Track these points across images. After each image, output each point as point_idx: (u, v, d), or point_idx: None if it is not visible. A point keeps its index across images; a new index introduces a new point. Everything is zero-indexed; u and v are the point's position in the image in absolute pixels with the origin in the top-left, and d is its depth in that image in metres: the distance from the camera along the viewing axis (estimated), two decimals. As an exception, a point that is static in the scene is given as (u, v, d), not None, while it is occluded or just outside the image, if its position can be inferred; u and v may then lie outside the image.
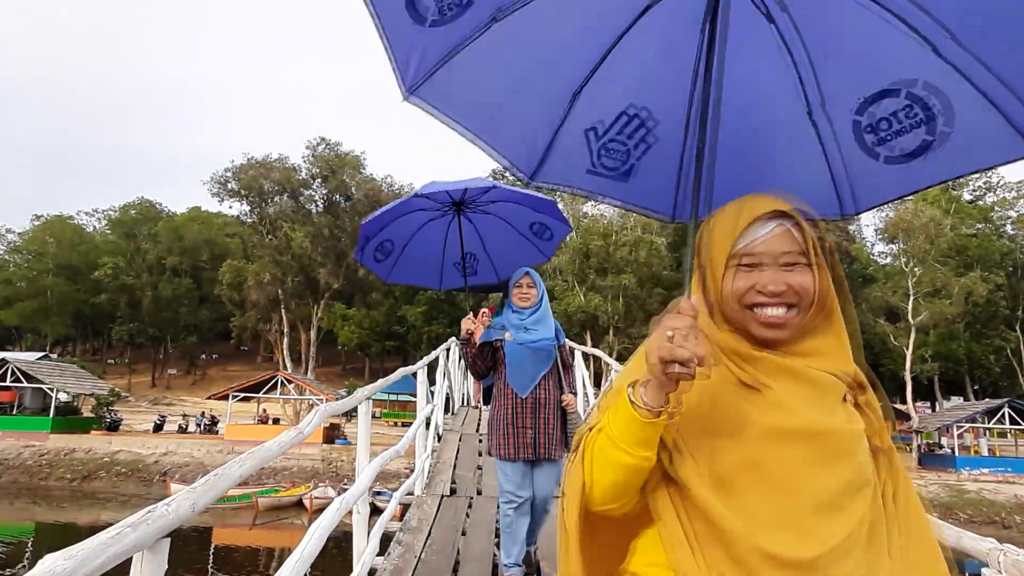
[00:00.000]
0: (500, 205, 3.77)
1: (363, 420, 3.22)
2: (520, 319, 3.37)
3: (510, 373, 3.35)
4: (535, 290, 3.42)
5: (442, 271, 4.11)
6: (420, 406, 5.39)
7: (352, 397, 3.06)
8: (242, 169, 34.19)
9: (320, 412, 2.45)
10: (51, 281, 62.78)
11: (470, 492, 5.18)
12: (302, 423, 2.21)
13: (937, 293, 31.98)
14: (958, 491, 24.63)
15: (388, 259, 3.77)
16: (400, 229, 3.71)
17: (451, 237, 3.90)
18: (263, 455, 1.74)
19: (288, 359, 35.18)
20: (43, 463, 25.58)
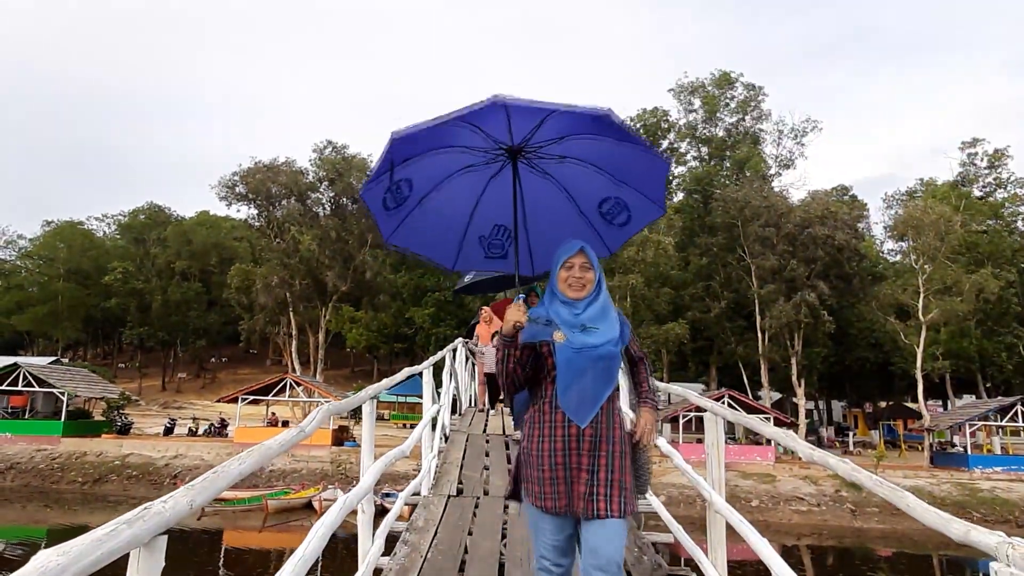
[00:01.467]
0: (572, 167, 2.88)
1: (367, 420, 3.21)
2: (574, 314, 2.36)
3: (563, 391, 2.33)
4: (592, 273, 2.43)
5: (462, 245, 3.12)
6: (426, 407, 5.38)
7: (356, 396, 3.05)
8: (249, 173, 34.32)
9: (323, 411, 2.45)
10: (62, 286, 63.27)
11: (477, 492, 5.17)
12: (304, 422, 2.21)
13: (948, 290, 31.73)
14: (971, 490, 24.43)
15: (399, 209, 2.88)
16: (427, 170, 2.84)
17: (490, 197, 2.97)
18: (264, 453, 1.73)
19: (297, 362, 35.28)
20: (55, 467, 25.77)
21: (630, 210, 2.97)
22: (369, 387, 3.29)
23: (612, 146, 2.72)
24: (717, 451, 3.03)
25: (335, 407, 2.61)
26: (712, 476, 3.04)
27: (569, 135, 2.70)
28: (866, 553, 21.69)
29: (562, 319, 2.35)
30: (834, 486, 25.02)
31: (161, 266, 62.34)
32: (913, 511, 1.75)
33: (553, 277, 2.47)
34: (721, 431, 3.14)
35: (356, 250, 36.49)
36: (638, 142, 2.73)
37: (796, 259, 32.65)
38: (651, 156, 2.80)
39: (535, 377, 2.44)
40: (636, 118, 45.32)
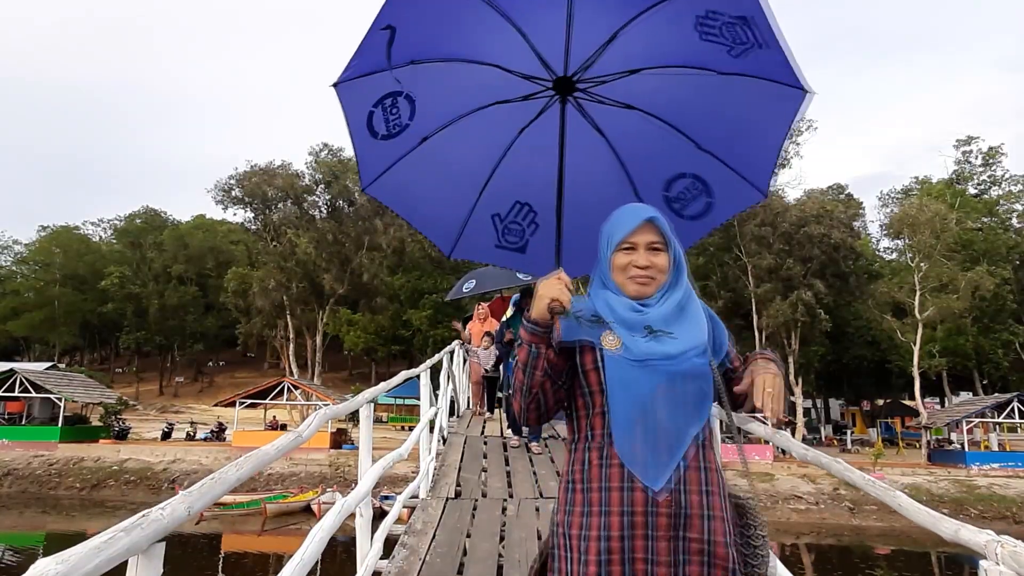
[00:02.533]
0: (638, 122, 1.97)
1: (364, 423, 3.22)
2: (638, 315, 1.53)
3: (622, 431, 1.47)
4: (665, 255, 1.57)
5: (468, 222, 2.17)
6: (424, 409, 5.39)
7: (353, 400, 3.06)
8: (245, 176, 34.30)
9: (320, 415, 2.45)
10: (58, 291, 63.13)
11: (475, 495, 5.18)
12: (301, 426, 2.21)
13: (944, 288, 31.83)
14: (968, 487, 24.48)
15: (390, 143, 1.93)
16: (441, 91, 1.92)
17: (518, 157, 2.08)
18: (261, 459, 1.74)
19: (294, 365, 35.24)
20: (52, 472, 25.69)
21: (711, 194, 2.01)
22: (366, 391, 3.30)
23: (714, 88, 1.78)
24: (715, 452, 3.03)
25: (333, 411, 2.61)
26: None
27: (648, 66, 1.80)
28: (865, 551, 21.73)
29: (617, 315, 1.51)
30: (832, 484, 25.06)
31: (158, 270, 62.19)
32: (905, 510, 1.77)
33: (603, 262, 1.59)
34: (717, 431, 3.14)
35: (353, 253, 36.46)
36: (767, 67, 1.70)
37: (792, 258, 32.73)
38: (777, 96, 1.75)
39: (570, 404, 1.58)
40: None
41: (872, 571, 20.42)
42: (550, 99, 1.98)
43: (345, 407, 2.89)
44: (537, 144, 2.02)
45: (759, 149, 1.97)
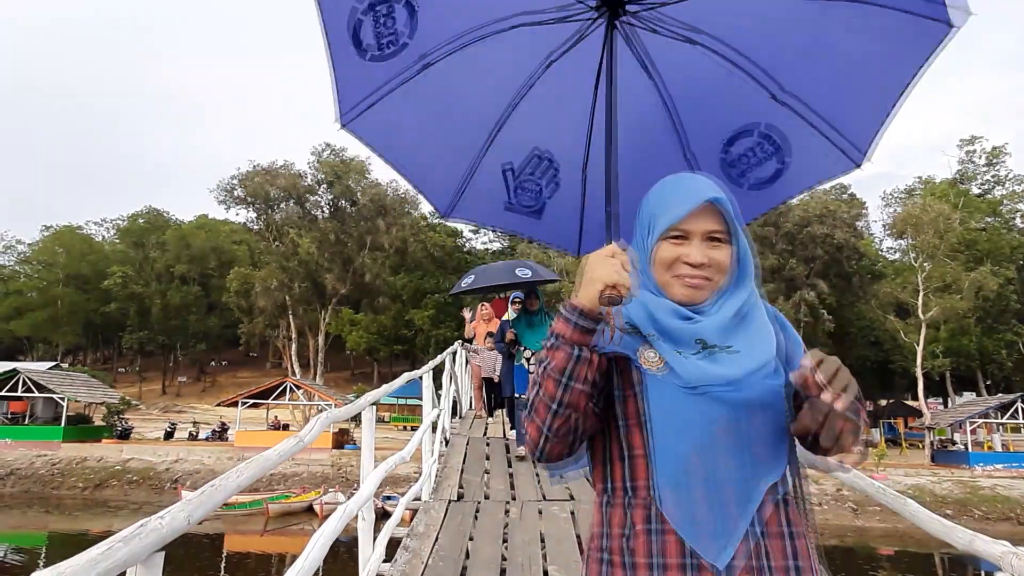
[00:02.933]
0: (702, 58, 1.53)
1: (367, 426, 3.20)
2: (688, 324, 1.10)
3: (667, 480, 1.05)
4: (727, 249, 1.15)
5: (472, 173, 1.74)
6: (426, 410, 5.37)
7: (356, 403, 3.03)
8: (248, 176, 34.29)
9: (322, 420, 2.43)
10: (61, 291, 63.27)
11: (477, 497, 5.15)
12: (303, 431, 2.19)
13: (947, 288, 31.75)
14: (972, 487, 24.38)
15: (379, 62, 1.49)
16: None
17: (544, 93, 1.64)
18: (262, 464, 1.72)
19: (296, 365, 35.24)
20: (55, 472, 25.71)
21: (784, 157, 1.58)
22: (369, 393, 3.28)
23: (810, 14, 1.33)
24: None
25: (335, 415, 2.60)
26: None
27: None
28: (868, 552, 21.66)
29: (659, 325, 1.11)
30: (835, 484, 24.96)
31: (160, 270, 62.29)
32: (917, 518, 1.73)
33: (642, 252, 1.17)
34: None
35: (355, 253, 36.46)
36: None
37: (795, 258, 32.68)
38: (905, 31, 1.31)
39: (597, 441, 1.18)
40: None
41: (875, 572, 20.38)
42: (592, 21, 1.46)
43: (347, 410, 2.87)
44: (568, 79, 1.55)
45: (864, 101, 1.47)
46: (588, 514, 4.86)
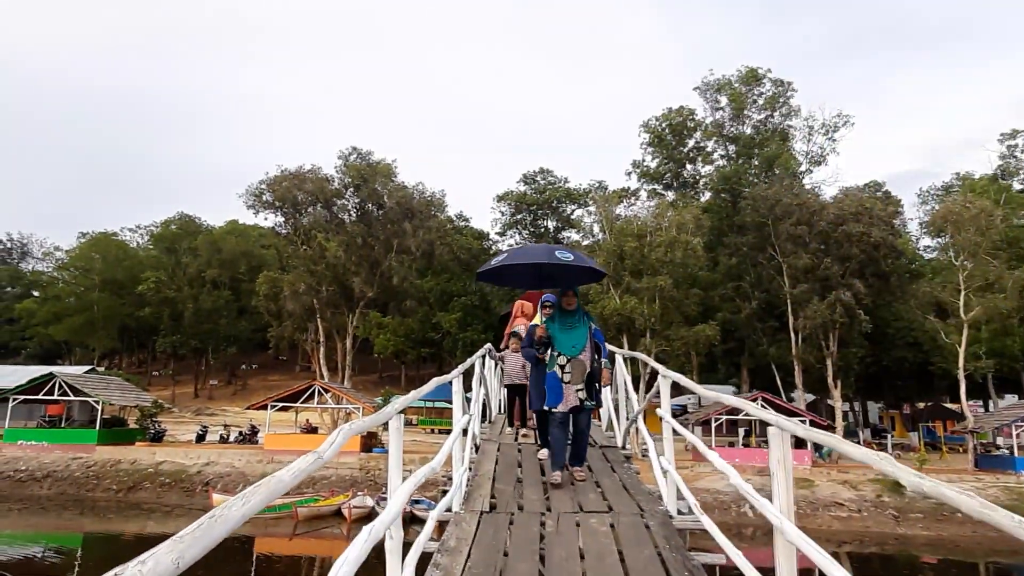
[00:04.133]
0: None
1: (394, 437, 2.96)
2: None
3: None
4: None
5: None
6: (456, 417, 5.13)
7: (381, 412, 2.80)
8: (276, 181, 34.50)
9: (344, 432, 2.21)
10: (97, 296, 64.57)
11: (510, 508, 4.89)
12: (323, 445, 1.98)
13: (990, 287, 30.63)
14: (1020, 494, 23.44)
15: None
16: None
17: None
18: (273, 488, 1.49)
19: (324, 368, 35.35)
20: (90, 475, 26.11)
21: None
22: (396, 400, 3.04)
23: None
24: (784, 471, 2.71)
25: (356, 427, 2.36)
26: (780, 500, 2.72)
27: None
28: (910, 560, 20.95)
29: None
30: (875, 491, 24.25)
31: (192, 275, 63.30)
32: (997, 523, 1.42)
33: None
34: (788, 448, 2.81)
35: (382, 256, 36.48)
36: None
37: (830, 257, 31.82)
38: None
39: None
40: (662, 118, 44.74)
41: None
42: None
43: (372, 420, 2.64)
44: None
45: None
46: (630, 527, 4.58)
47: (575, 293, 5.79)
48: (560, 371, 5.56)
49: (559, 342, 5.58)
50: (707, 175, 45.35)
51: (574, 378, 5.48)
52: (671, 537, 4.29)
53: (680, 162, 45.30)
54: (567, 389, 5.48)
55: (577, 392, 5.48)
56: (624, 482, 5.81)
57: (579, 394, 5.49)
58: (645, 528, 4.46)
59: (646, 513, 4.74)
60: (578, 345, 5.55)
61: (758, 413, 3.01)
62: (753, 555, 7.07)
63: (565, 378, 5.51)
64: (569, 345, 5.57)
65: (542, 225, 56.81)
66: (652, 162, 45.79)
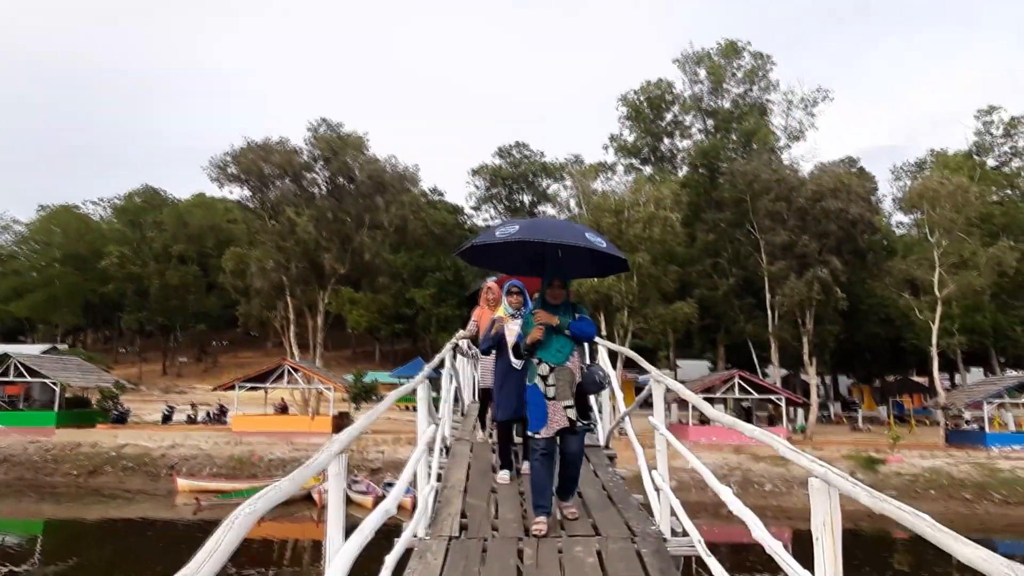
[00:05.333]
0: None
1: (335, 485, 2.34)
2: None
3: None
4: None
5: None
6: (421, 430, 4.50)
7: (321, 455, 2.19)
8: (241, 153, 33.14)
9: (280, 489, 1.60)
10: (59, 271, 62.61)
11: (483, 531, 4.30)
12: (270, 488, 1.39)
13: (964, 264, 30.72)
14: (991, 470, 23.66)
15: None
16: None
17: None
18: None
19: (295, 346, 34.45)
20: (48, 459, 25.12)
21: None
22: (336, 439, 2.42)
23: None
24: (832, 536, 2.16)
25: (298, 480, 1.77)
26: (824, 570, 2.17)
27: None
28: (883, 537, 21.06)
29: None
30: (848, 467, 24.29)
31: (158, 250, 61.54)
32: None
33: None
34: (837, 509, 2.24)
35: (353, 231, 35.44)
36: None
37: (808, 234, 31.61)
38: None
39: None
40: (640, 91, 43.98)
41: (890, 557, 19.82)
42: None
43: (309, 471, 2.02)
44: None
45: None
46: (619, 558, 4.04)
47: (565, 283, 4.43)
48: (542, 383, 4.30)
49: (540, 345, 4.33)
50: (685, 150, 44.86)
51: (561, 392, 4.26)
52: (667, 570, 3.75)
53: (658, 136, 44.72)
54: (552, 407, 4.26)
55: (566, 410, 4.26)
56: (610, 491, 5.27)
57: (568, 412, 4.26)
58: (637, 556, 3.92)
59: (637, 536, 4.19)
60: (564, 349, 4.35)
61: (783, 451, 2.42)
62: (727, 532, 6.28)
63: (549, 392, 4.27)
64: (553, 349, 4.33)
65: (517, 199, 56.02)
66: (630, 136, 45.15)
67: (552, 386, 4.27)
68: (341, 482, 2.35)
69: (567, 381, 4.29)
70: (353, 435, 2.44)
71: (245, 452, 25.04)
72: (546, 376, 4.30)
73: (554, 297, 4.40)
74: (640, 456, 5.05)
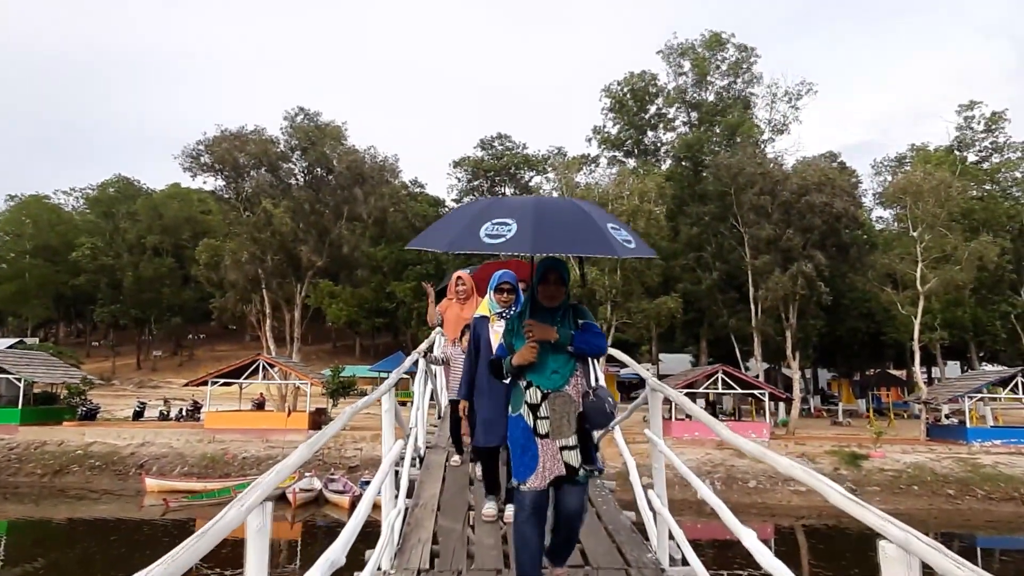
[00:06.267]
0: None
1: (255, 560, 1.81)
2: None
3: None
4: None
5: None
6: (386, 447, 3.94)
7: (230, 511, 1.66)
8: (215, 142, 32.15)
9: None
10: (29, 263, 61.04)
11: (458, 562, 3.76)
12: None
13: (946, 259, 30.71)
14: (973, 465, 23.63)
15: None
16: None
17: None
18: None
19: (271, 341, 33.62)
20: (12, 458, 24.19)
21: None
22: (277, 467, 1.89)
23: None
24: None
25: None
26: None
27: None
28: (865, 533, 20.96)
29: None
30: (832, 464, 24.18)
31: (132, 241, 60.15)
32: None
33: None
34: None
35: (331, 223, 34.60)
36: None
37: (792, 228, 31.39)
38: None
39: None
40: (624, 82, 43.52)
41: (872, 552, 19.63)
42: None
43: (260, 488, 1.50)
44: None
45: None
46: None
47: (563, 278, 3.22)
48: (530, 415, 3.13)
49: (531, 366, 3.16)
50: (669, 142, 44.52)
51: (557, 428, 3.10)
52: (668, 612, 3.26)
53: (641, 129, 44.32)
54: (545, 448, 3.10)
55: (563, 452, 3.10)
56: (599, 510, 4.77)
57: (567, 456, 3.10)
58: (632, 593, 3.42)
59: (632, 567, 3.69)
60: (564, 369, 3.16)
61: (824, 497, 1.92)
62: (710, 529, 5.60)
63: (541, 428, 3.12)
64: (548, 370, 3.15)
65: (500, 192, 55.37)
66: (613, 128, 44.71)
67: (545, 419, 3.10)
68: (264, 539, 1.82)
69: (566, 412, 3.11)
70: (281, 476, 1.90)
71: (218, 450, 24.30)
72: (537, 405, 3.13)
73: (550, 298, 3.19)
74: (633, 471, 4.55)
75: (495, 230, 2.71)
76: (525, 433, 3.13)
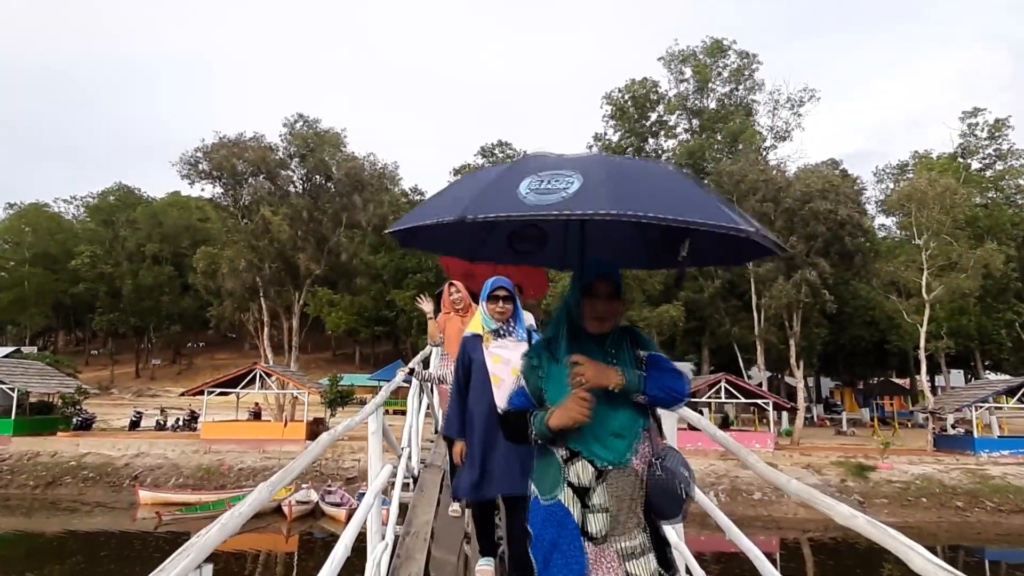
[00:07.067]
0: None
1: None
2: None
3: None
4: None
5: None
6: (372, 473, 3.60)
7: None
8: (213, 149, 31.94)
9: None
10: (28, 271, 60.86)
11: (451, 601, 3.43)
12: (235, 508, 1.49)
13: (952, 267, 30.36)
14: (981, 477, 23.20)
15: None
16: None
17: None
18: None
19: (269, 350, 33.26)
20: (4, 469, 23.80)
21: None
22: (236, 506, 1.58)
23: None
24: None
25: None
26: None
27: None
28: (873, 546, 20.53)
29: None
30: (839, 475, 23.76)
31: (131, 249, 60.07)
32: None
33: None
34: None
35: (330, 231, 34.33)
36: None
37: (796, 235, 31.07)
38: None
39: None
40: (624, 89, 43.34)
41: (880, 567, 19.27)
42: None
43: None
44: None
45: None
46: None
47: (618, 288, 2.10)
48: (577, 505, 1.97)
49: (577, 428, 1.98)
50: (670, 150, 44.28)
51: (618, 523, 1.96)
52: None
53: (642, 136, 44.10)
54: (598, 557, 1.94)
55: (626, 561, 1.94)
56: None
57: (634, 566, 1.93)
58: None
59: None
60: (630, 431, 2.01)
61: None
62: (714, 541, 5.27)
63: (593, 526, 1.95)
64: (607, 432, 1.99)
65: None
66: (614, 136, 44.48)
67: (603, 512, 1.95)
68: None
69: (630, 497, 1.97)
70: (233, 527, 1.57)
71: (214, 461, 23.92)
72: (587, 489, 1.97)
73: (599, 320, 2.07)
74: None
75: (547, 184, 1.65)
76: (565, 532, 1.95)
